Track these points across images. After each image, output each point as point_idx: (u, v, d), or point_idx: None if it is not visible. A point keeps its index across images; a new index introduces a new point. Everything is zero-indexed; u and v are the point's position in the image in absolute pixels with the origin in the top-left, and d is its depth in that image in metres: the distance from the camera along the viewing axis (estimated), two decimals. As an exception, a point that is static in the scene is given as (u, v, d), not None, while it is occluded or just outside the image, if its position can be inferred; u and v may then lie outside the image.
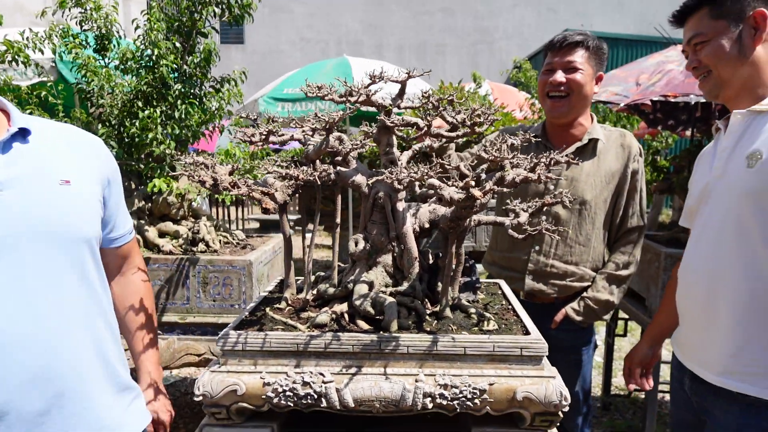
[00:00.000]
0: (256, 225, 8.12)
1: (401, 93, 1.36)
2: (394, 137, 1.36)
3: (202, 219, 2.75)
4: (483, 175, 1.23)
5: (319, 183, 1.13)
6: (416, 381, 1.16)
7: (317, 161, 1.23)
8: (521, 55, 13.41)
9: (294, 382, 1.17)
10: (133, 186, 2.68)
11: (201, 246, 2.60)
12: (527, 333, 1.24)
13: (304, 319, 1.30)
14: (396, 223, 1.36)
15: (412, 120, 1.24)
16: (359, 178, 1.35)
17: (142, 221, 2.62)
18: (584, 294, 1.96)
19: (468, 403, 1.15)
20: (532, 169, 1.10)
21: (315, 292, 1.41)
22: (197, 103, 2.55)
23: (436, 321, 1.28)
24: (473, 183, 1.01)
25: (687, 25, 1.41)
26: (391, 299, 1.26)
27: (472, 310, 1.33)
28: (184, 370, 3.87)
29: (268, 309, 1.37)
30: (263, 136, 1.16)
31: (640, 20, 16.31)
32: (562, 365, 2.00)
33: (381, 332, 1.21)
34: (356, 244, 1.37)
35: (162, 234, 2.64)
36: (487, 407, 1.16)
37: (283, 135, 1.21)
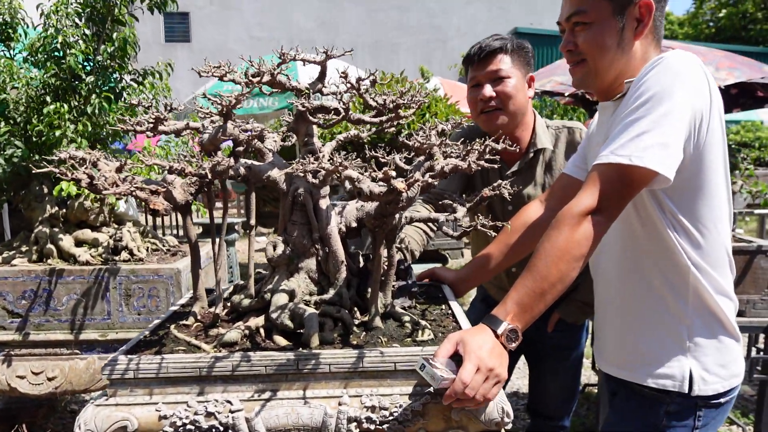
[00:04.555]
0: (199, 230, 7.72)
1: (321, 76, 1.21)
2: (314, 127, 1.20)
3: (126, 225, 2.51)
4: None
5: (210, 178, 0.96)
6: (339, 404, 1.00)
7: (218, 153, 1.06)
8: (474, 52, 13.46)
9: (196, 413, 0.99)
10: (45, 190, 2.40)
11: (124, 254, 2.36)
12: (466, 342, 1.10)
13: (213, 337, 1.13)
14: (319, 223, 1.21)
15: (330, 105, 1.08)
16: (275, 173, 1.19)
17: (56, 229, 2.35)
18: (571, 296, 1.84)
19: (400, 425, 1.01)
20: (463, 158, 0.97)
21: (229, 304, 1.23)
22: (113, 98, 2.31)
23: (364, 332, 1.13)
24: (394, 174, 0.86)
25: None
26: (311, 310, 1.10)
27: (407, 318, 1.19)
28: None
29: (172, 327, 1.18)
30: (150, 124, 0.98)
31: (587, 18, 16.67)
32: (565, 362, 1.98)
33: (300, 349, 1.06)
34: (274, 248, 1.20)
35: (79, 243, 2.38)
36: (422, 430, 1.02)
37: (176, 124, 1.03)
